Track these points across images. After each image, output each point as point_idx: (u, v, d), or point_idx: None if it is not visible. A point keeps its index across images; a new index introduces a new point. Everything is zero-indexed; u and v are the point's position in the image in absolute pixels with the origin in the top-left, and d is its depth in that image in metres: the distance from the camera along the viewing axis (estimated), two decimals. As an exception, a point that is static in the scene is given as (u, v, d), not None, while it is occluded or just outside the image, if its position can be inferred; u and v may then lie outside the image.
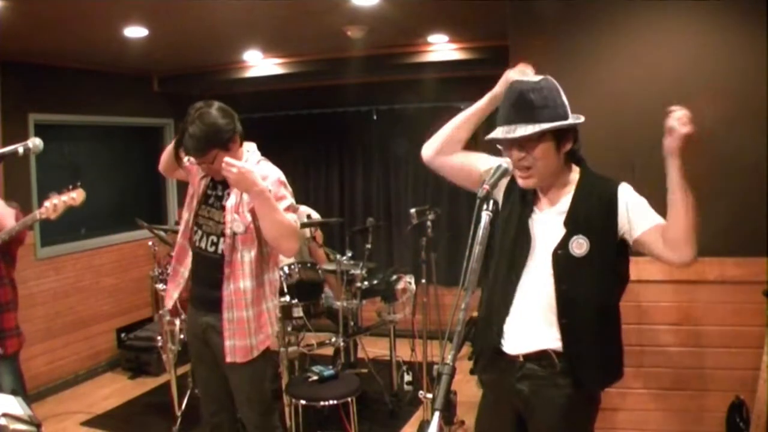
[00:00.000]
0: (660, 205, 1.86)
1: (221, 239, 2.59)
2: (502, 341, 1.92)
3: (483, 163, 1.99)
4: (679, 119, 1.66)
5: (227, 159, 2.36)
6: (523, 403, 1.91)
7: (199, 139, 2.45)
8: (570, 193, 1.88)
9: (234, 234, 2.54)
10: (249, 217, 2.53)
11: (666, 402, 3.01)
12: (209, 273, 2.62)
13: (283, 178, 2.61)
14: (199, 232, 2.66)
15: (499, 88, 1.98)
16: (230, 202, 2.56)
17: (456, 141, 2.06)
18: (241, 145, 2.61)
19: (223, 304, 2.56)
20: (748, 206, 2.82)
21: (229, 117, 2.52)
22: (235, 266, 2.55)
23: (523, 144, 1.79)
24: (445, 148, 2.07)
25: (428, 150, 2.12)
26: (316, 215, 4.28)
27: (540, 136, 1.77)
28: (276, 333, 2.75)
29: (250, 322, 2.58)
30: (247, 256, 2.56)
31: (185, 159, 2.63)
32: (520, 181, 1.87)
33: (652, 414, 3.04)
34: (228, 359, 2.57)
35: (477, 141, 2.07)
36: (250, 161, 2.59)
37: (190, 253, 2.73)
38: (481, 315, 2.04)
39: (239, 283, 2.55)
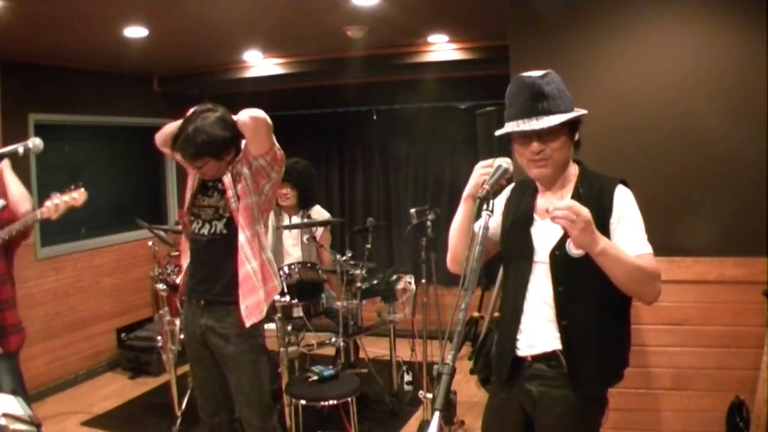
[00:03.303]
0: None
1: (221, 221, 2.61)
2: (517, 350, 1.92)
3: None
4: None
5: None
6: (531, 403, 1.91)
7: (194, 146, 2.47)
8: (569, 193, 1.88)
9: (236, 197, 2.59)
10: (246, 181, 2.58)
11: (666, 402, 3.01)
12: (207, 256, 2.65)
13: None
14: (199, 221, 2.68)
15: (472, 189, 1.92)
16: (227, 180, 2.60)
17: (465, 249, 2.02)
18: (237, 154, 2.61)
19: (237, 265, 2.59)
20: (748, 206, 2.83)
21: (228, 130, 2.52)
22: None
23: (543, 135, 1.79)
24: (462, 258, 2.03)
25: (456, 268, 2.06)
26: (326, 214, 4.29)
27: (560, 128, 1.78)
28: (279, 286, 2.79)
29: (257, 273, 2.61)
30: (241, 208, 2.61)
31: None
32: (534, 171, 1.86)
33: (652, 414, 3.04)
34: (247, 324, 2.59)
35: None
36: None
37: (189, 250, 2.74)
38: (497, 327, 2.05)
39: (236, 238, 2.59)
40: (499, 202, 2.04)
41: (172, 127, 2.69)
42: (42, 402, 4.43)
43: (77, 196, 2.65)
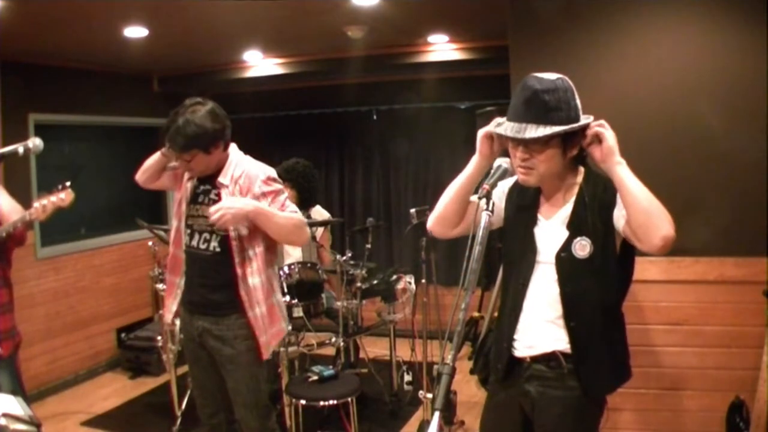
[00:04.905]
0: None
1: (213, 236, 2.59)
2: (513, 350, 1.92)
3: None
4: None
5: (212, 209, 2.42)
6: (530, 404, 1.91)
7: (184, 137, 2.46)
8: (574, 196, 1.87)
9: (239, 236, 2.54)
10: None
11: (666, 402, 3.01)
12: (204, 273, 2.62)
13: (272, 173, 2.63)
14: (189, 231, 2.65)
15: (480, 154, 1.91)
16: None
17: (457, 212, 1.99)
18: (226, 148, 2.60)
19: (245, 304, 2.57)
20: (748, 206, 2.82)
21: (218, 122, 2.51)
22: (245, 265, 2.56)
23: (529, 145, 1.76)
24: (451, 221, 2.01)
25: (436, 228, 2.05)
26: (326, 215, 4.30)
27: (547, 140, 1.74)
28: (287, 328, 2.78)
29: (264, 318, 2.60)
30: (253, 252, 2.57)
31: (170, 164, 2.65)
32: (520, 177, 1.87)
33: (652, 414, 3.04)
34: (264, 356, 2.60)
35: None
36: (234, 162, 2.60)
37: (184, 262, 2.71)
38: (496, 325, 2.05)
39: (248, 280, 2.57)
40: (501, 189, 2.02)
41: (151, 160, 2.74)
42: (42, 402, 4.44)
43: (64, 196, 2.63)
